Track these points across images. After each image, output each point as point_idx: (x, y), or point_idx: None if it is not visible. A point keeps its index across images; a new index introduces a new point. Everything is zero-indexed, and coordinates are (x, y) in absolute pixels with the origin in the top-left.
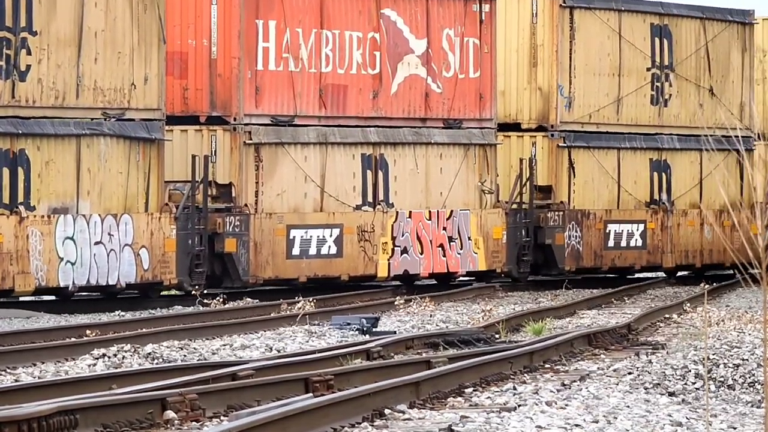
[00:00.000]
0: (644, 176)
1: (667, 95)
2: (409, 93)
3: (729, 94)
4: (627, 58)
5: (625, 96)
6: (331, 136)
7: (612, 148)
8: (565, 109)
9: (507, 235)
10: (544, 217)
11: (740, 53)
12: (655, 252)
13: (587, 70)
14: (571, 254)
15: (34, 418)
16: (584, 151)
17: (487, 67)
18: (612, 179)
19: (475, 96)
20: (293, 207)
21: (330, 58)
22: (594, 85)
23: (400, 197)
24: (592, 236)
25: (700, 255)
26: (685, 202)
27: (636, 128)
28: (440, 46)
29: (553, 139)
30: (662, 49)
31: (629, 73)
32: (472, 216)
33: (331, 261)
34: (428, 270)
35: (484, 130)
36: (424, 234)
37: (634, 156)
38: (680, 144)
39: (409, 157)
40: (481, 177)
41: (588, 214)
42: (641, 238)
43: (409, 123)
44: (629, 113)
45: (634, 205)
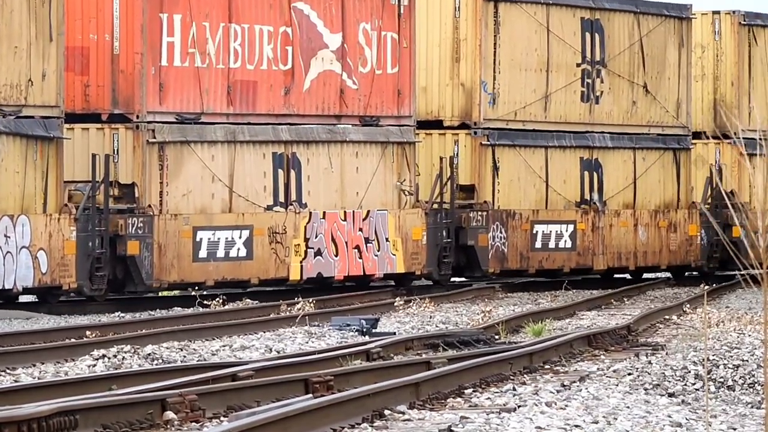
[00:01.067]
0: (574, 175)
1: (599, 92)
2: (323, 89)
3: (665, 90)
4: (555, 53)
5: (554, 92)
6: (240, 135)
7: (539, 147)
8: (489, 106)
9: (427, 236)
10: (467, 217)
11: (677, 49)
12: (586, 254)
13: (513, 66)
14: (495, 256)
15: (34, 418)
16: (509, 150)
17: (406, 63)
18: (539, 178)
19: (394, 92)
20: (200, 208)
21: (239, 53)
22: (520, 81)
23: (313, 197)
24: (517, 237)
25: (634, 257)
26: (618, 203)
27: (565, 126)
28: (356, 41)
29: (476, 137)
30: (593, 44)
31: (558, 68)
32: (390, 216)
33: (240, 264)
34: (343, 273)
35: (402, 128)
36: (339, 235)
37: (563, 154)
38: (612, 142)
39: (323, 155)
40: (399, 176)
41: (513, 215)
42: (571, 240)
43: (323, 120)
44: (558, 110)
45: (563, 206)
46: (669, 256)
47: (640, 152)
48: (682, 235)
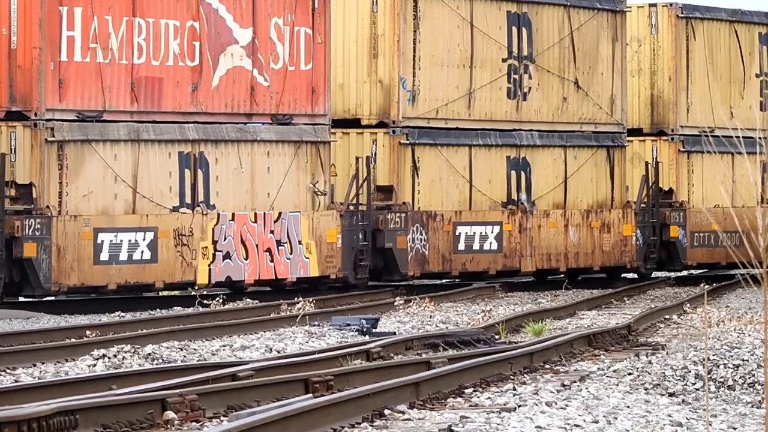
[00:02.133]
0: (500, 175)
1: (527, 88)
2: (233, 86)
3: (597, 86)
4: (480, 48)
5: (478, 89)
6: (145, 133)
7: (463, 146)
8: (409, 104)
9: (342, 239)
10: (384, 219)
11: (610, 43)
12: (513, 255)
13: (434, 62)
14: (415, 258)
15: (34, 418)
16: (430, 149)
17: (321, 59)
18: (463, 178)
19: (307, 90)
20: (102, 209)
21: (143, 48)
22: (442, 78)
23: (222, 198)
24: (439, 239)
25: (565, 258)
26: (547, 203)
27: (491, 123)
28: (268, 36)
29: (394, 136)
30: (521, 38)
31: (483, 64)
32: (303, 218)
33: (144, 267)
34: (254, 276)
35: (317, 127)
36: (249, 238)
37: (488, 153)
38: (541, 140)
39: (233, 155)
40: (313, 177)
41: (435, 216)
42: (496, 241)
43: (232, 118)
44: (483, 108)
45: (488, 206)
46: (602, 257)
47: (571, 150)
48: (616, 235)
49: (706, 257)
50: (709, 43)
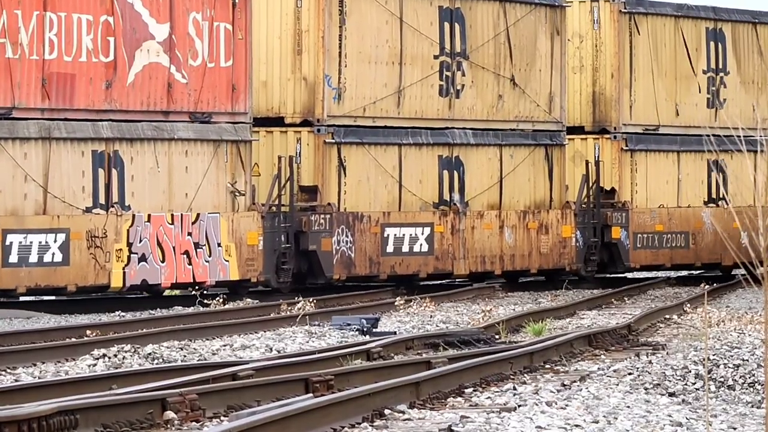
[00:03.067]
0: (432, 175)
1: (460, 85)
2: (149, 83)
3: (535, 83)
4: (410, 44)
5: (408, 86)
6: (56, 131)
7: (392, 144)
8: (334, 102)
9: (264, 241)
10: (308, 220)
11: (549, 39)
12: (445, 258)
13: (361, 59)
14: (340, 261)
15: (34, 418)
16: (357, 148)
17: (242, 56)
18: (392, 178)
19: (227, 87)
20: (11, 209)
21: (55, 43)
22: (369, 75)
23: (137, 199)
24: (366, 241)
25: (500, 260)
26: (482, 203)
27: (421, 122)
28: (186, 32)
29: (319, 135)
30: (453, 34)
31: (413, 61)
32: (222, 220)
33: (55, 269)
34: (171, 280)
35: (237, 125)
36: (166, 240)
37: (419, 153)
38: (476, 139)
39: (149, 154)
40: (233, 177)
41: (361, 217)
42: (427, 243)
43: (148, 116)
44: (413, 105)
45: (419, 207)
46: (540, 259)
47: (507, 149)
48: (554, 237)
49: (651, 259)
50: (654, 39)
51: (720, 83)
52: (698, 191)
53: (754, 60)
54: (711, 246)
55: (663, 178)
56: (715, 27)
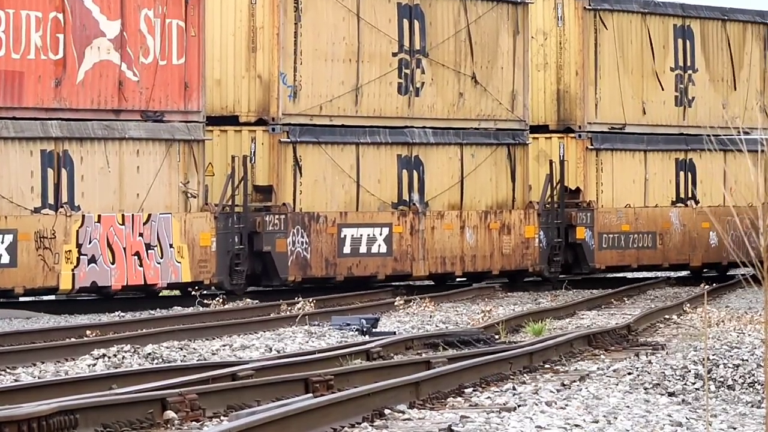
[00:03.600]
0: (391, 174)
1: (419, 83)
2: (100, 81)
3: (497, 81)
4: (368, 42)
5: (366, 84)
6: (4, 130)
7: (349, 144)
8: (290, 100)
9: (217, 242)
10: (262, 221)
11: (511, 36)
12: (403, 259)
13: (317, 56)
14: (295, 262)
15: (34, 418)
16: (314, 147)
17: (195, 53)
18: (349, 178)
19: (180, 85)
20: None
21: (2, 40)
22: (326, 73)
23: (87, 199)
24: (322, 242)
25: (461, 261)
26: (442, 203)
27: (380, 120)
28: (137, 29)
29: (274, 134)
30: (413, 31)
31: (371, 58)
32: (174, 221)
33: (2, 271)
34: (121, 282)
35: (190, 124)
36: (117, 241)
37: (377, 152)
38: (436, 138)
39: (99, 153)
40: (186, 177)
41: (317, 218)
42: (386, 244)
43: (99, 115)
44: (371, 104)
45: (377, 207)
46: (502, 260)
47: (468, 148)
48: (517, 237)
49: (616, 260)
50: (620, 36)
51: (688, 81)
52: (666, 191)
53: (724, 57)
54: (679, 246)
55: (629, 177)
56: (683, 24)
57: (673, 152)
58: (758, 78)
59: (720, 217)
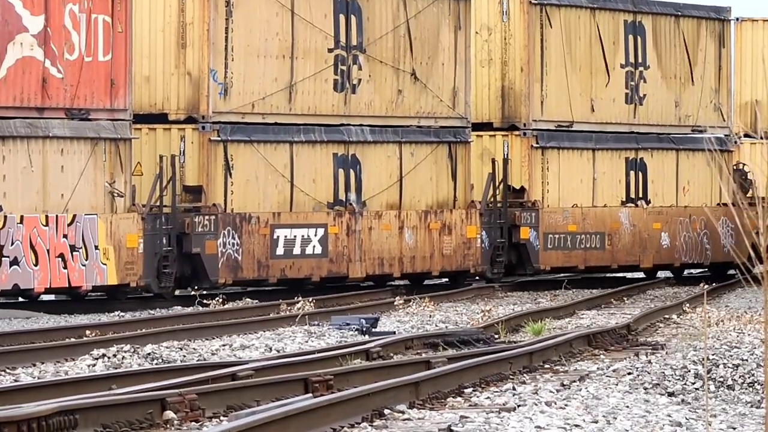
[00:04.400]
0: (326, 174)
1: (356, 80)
2: (22, 78)
3: (437, 78)
4: (302, 38)
5: (300, 81)
6: None
7: (283, 142)
8: (221, 98)
9: (144, 244)
10: (191, 222)
11: (452, 31)
12: (340, 260)
13: (249, 53)
14: (226, 264)
15: (33, 418)
16: (245, 146)
17: (122, 49)
18: (283, 177)
19: (106, 82)
20: None
21: None
22: (258, 70)
23: (10, 200)
24: (254, 243)
25: (399, 263)
26: (380, 203)
27: (315, 118)
28: (62, 24)
29: (204, 132)
30: (349, 27)
31: (306, 55)
32: (100, 222)
33: None
34: (44, 284)
35: (117, 123)
36: (40, 242)
37: (312, 150)
38: (373, 136)
39: (22, 152)
40: (112, 177)
41: (249, 218)
42: (321, 245)
43: (21, 113)
44: (306, 101)
45: (312, 207)
46: (443, 261)
47: (407, 146)
48: (458, 237)
49: (562, 261)
50: (567, 32)
51: (639, 78)
52: (615, 190)
53: (677, 54)
54: (629, 247)
55: (577, 176)
56: (634, 20)
57: (623, 151)
58: (713, 75)
59: (672, 218)
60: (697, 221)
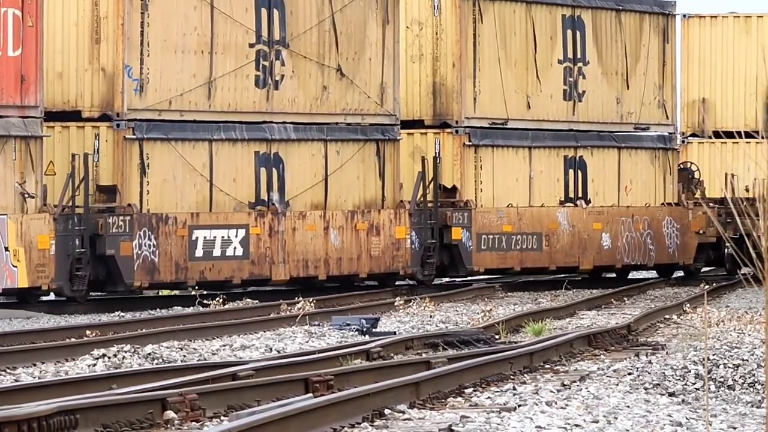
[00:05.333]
0: (248, 173)
1: (279, 76)
2: None
3: (365, 74)
4: (222, 32)
5: (220, 77)
6: None
7: (202, 140)
8: (136, 94)
9: (56, 246)
10: (105, 223)
11: (380, 26)
12: (262, 262)
13: (166, 48)
14: (142, 267)
15: (34, 418)
16: (162, 144)
17: (32, 44)
18: (202, 177)
19: (16, 78)
20: None
21: None
22: (176, 66)
23: None
24: (172, 245)
25: (325, 265)
26: (304, 203)
27: (236, 116)
28: None
29: (119, 130)
30: (271, 21)
31: (225, 50)
32: (10, 222)
33: None
34: None
35: (27, 120)
36: None
37: (233, 149)
38: (297, 134)
39: None
40: (22, 176)
41: (166, 219)
42: (242, 246)
43: None
44: (226, 98)
45: (233, 207)
46: (370, 262)
47: (333, 144)
48: (387, 238)
49: (497, 262)
50: (502, 27)
51: (578, 74)
52: (553, 190)
53: (618, 49)
54: (567, 248)
55: (512, 175)
56: (573, 14)
57: (561, 149)
58: (657, 72)
59: (614, 218)
60: (640, 221)
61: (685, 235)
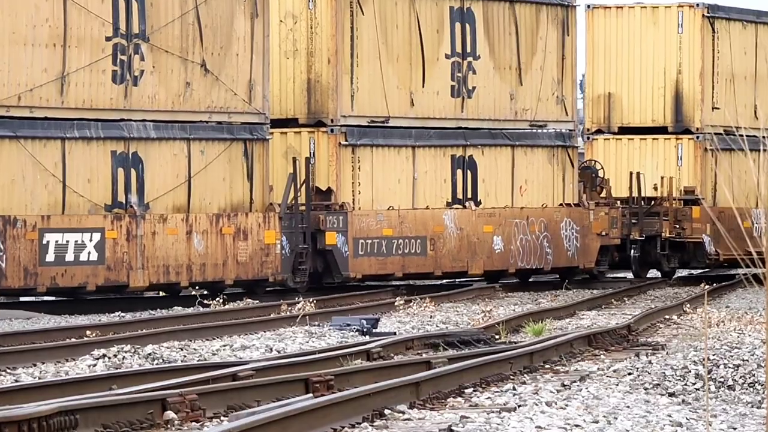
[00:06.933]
0: (104, 174)
1: (138, 71)
2: None
3: (231, 70)
4: (76, 24)
5: (74, 72)
6: None
7: (53, 138)
8: None
9: None
10: None
11: (249, 19)
12: (119, 267)
13: (14, 40)
14: None
15: (34, 418)
16: (10, 142)
17: None
18: (53, 177)
19: None
20: None
21: None
22: (25, 59)
23: None
24: (20, 249)
25: (188, 270)
26: (166, 206)
27: (91, 113)
28: None
29: None
30: (130, 13)
31: (80, 43)
32: None
33: None
34: None
35: None
36: None
37: (87, 148)
38: (158, 132)
39: None
40: None
41: (14, 222)
42: (97, 251)
43: None
44: (80, 94)
45: (88, 210)
46: (237, 268)
47: (197, 144)
48: (255, 243)
49: (376, 268)
50: (383, 20)
51: (468, 69)
52: (440, 191)
53: (512, 43)
54: (455, 252)
55: (394, 176)
56: (461, 6)
57: (448, 148)
58: (555, 65)
59: (507, 220)
60: (536, 223)
61: (586, 237)
